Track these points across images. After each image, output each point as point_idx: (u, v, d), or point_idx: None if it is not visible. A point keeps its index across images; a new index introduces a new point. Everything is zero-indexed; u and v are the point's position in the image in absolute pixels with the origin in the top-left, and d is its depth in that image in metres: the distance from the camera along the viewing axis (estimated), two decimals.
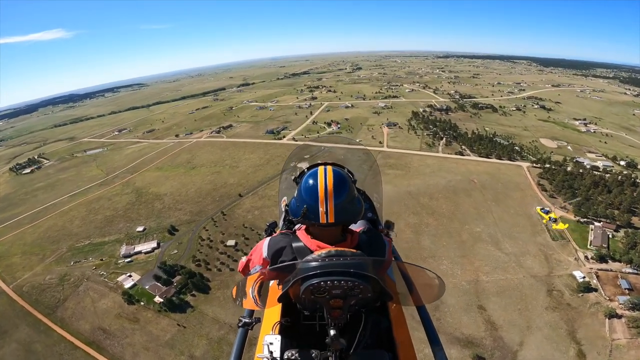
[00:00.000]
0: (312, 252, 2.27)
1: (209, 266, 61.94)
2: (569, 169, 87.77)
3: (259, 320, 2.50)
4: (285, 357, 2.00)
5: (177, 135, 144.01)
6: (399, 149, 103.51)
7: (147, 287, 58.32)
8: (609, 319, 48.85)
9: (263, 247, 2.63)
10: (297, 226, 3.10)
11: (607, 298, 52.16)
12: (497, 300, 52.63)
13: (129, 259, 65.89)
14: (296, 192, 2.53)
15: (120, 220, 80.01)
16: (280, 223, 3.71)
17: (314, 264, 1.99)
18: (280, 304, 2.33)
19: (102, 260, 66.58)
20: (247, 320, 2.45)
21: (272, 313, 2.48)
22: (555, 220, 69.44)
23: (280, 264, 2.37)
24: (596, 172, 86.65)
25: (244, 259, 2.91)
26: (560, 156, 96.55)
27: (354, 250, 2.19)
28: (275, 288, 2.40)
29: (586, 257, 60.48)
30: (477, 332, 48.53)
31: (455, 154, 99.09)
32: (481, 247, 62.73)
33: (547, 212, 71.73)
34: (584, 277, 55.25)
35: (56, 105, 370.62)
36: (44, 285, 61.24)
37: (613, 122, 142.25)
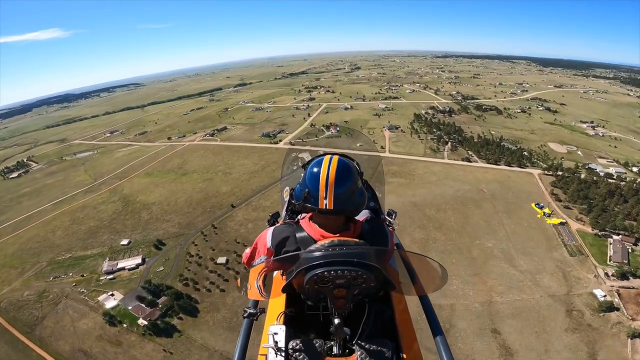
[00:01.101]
0: (315, 241, 2.29)
1: (197, 286, 57.57)
2: (582, 176, 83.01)
3: (263, 310, 2.49)
4: (290, 346, 2.00)
5: (169, 138, 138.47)
6: (402, 154, 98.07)
7: (130, 308, 54.20)
8: (631, 339, 46.16)
9: (267, 237, 2.63)
10: (300, 216, 3.08)
11: (630, 317, 49.12)
12: (513, 322, 48.91)
13: (111, 276, 61.62)
14: (302, 178, 2.55)
15: (105, 232, 75.41)
16: (283, 213, 3.74)
17: (317, 253, 2.00)
18: (285, 294, 2.33)
19: (82, 276, 62.39)
20: (252, 311, 2.45)
21: (277, 303, 2.47)
22: (549, 215, 68.94)
23: (284, 255, 2.38)
24: (611, 180, 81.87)
25: (248, 249, 2.88)
26: (571, 162, 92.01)
27: (357, 240, 2.23)
28: (279, 278, 2.49)
29: (606, 273, 56.84)
30: (490, 358, 45.04)
31: (462, 160, 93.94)
32: (494, 264, 58.41)
33: (542, 207, 71.26)
34: (604, 296, 51.77)
35: (51, 105, 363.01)
36: (22, 301, 57.55)
37: (620, 124, 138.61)
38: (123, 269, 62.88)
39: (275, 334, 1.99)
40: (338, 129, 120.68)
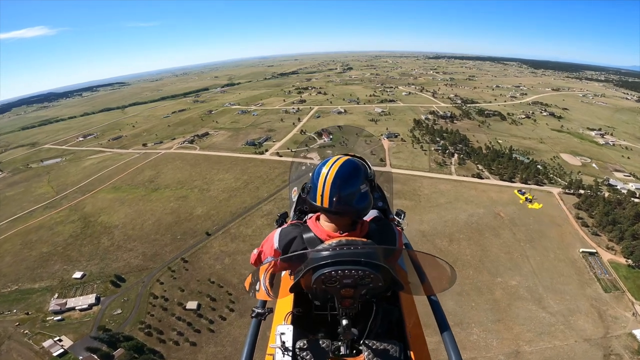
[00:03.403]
0: (322, 241, 2.27)
1: (162, 337, 47.96)
2: (606, 194, 73.92)
3: (271, 310, 2.50)
4: (297, 346, 2.03)
5: (144, 145, 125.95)
6: (405, 169, 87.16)
7: (81, 359, 45.61)
8: None
9: (274, 239, 2.57)
10: (307, 216, 3.11)
11: None
12: None
13: (59, 317, 52.37)
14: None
15: (57, 260, 64.61)
16: (291, 213, 3.76)
17: (325, 253, 1.99)
18: (292, 294, 2.35)
19: (27, 314, 53.08)
20: (259, 311, 2.43)
21: (284, 303, 2.51)
22: (530, 201, 68.14)
23: (291, 254, 2.35)
24: (636, 200, 72.85)
25: (255, 251, 2.80)
26: (588, 177, 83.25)
27: (365, 240, 2.20)
28: (287, 278, 2.48)
29: None
30: None
31: (472, 176, 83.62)
32: (520, 306, 49.91)
33: (524, 194, 71.54)
34: None
35: (31, 105, 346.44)
36: None
37: (626, 131, 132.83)
38: (73, 309, 53.34)
39: (283, 333, 1.97)
40: (331, 136, 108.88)
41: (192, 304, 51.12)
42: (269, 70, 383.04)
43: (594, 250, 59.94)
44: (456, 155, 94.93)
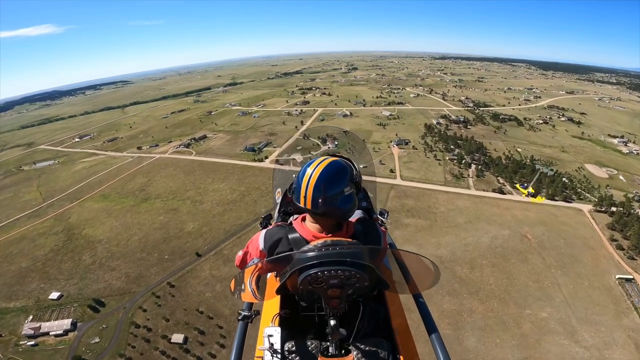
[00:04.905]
0: (307, 242, 2.28)
1: None
2: (639, 212, 66.68)
3: (258, 313, 2.48)
4: (286, 348, 2.06)
5: (139, 148, 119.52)
6: (417, 181, 79.66)
7: None
8: None
9: (259, 240, 2.58)
10: (293, 217, 3.16)
11: None
12: None
13: (32, 342, 47.78)
14: None
15: (35, 277, 59.21)
16: (275, 214, 3.77)
17: (310, 254, 1.99)
18: (279, 296, 2.35)
19: (0, 336, 49.20)
20: (246, 314, 2.41)
21: (271, 305, 2.51)
22: (534, 195, 66.26)
23: (277, 255, 2.34)
24: None
25: (240, 252, 2.79)
26: (617, 191, 75.78)
27: (350, 240, 2.22)
28: (273, 280, 2.43)
29: None
30: None
31: (493, 191, 75.63)
32: (550, 341, 43.84)
33: (526, 187, 69.01)
34: None
35: (34, 102, 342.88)
36: None
37: None
38: (47, 334, 48.70)
39: (271, 336, 1.99)
40: (337, 142, 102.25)
41: (177, 337, 45.05)
42: (273, 70, 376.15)
43: (631, 277, 53.41)
44: (473, 166, 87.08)
